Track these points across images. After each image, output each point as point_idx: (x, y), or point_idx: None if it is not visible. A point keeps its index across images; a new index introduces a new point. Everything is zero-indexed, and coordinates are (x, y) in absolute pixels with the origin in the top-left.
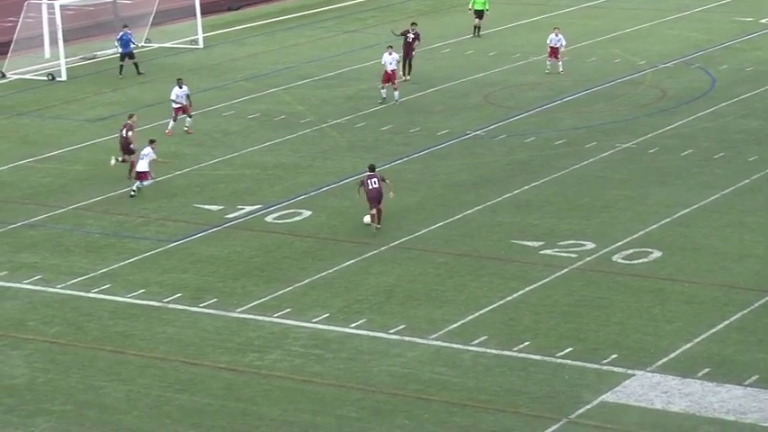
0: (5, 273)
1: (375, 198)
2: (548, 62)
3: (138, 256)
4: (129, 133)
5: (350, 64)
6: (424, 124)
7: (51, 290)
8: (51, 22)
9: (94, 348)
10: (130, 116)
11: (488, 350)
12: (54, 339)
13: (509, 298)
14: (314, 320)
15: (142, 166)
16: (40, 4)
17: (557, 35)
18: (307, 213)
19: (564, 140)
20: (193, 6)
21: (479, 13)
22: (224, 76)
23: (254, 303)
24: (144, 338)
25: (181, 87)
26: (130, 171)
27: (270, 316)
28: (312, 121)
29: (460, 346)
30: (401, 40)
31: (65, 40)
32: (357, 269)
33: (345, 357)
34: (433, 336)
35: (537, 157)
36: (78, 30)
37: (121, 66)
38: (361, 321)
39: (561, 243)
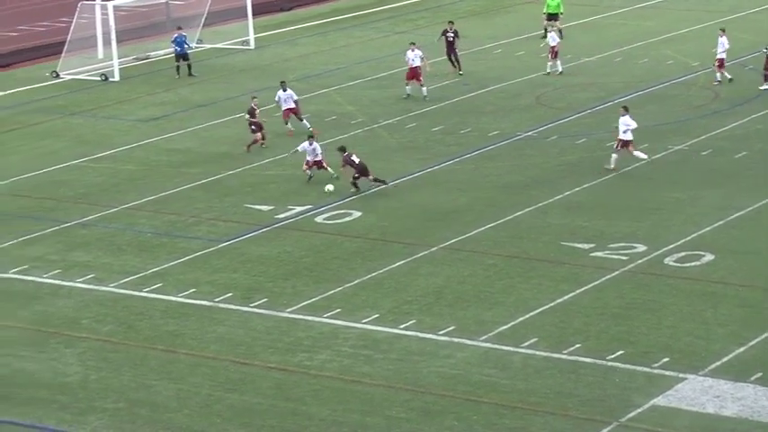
0: (59, 271)
1: (365, 170)
2: (548, 63)
3: (190, 256)
4: (249, 116)
5: (401, 65)
6: (476, 125)
7: (104, 288)
8: (104, 22)
9: (146, 347)
10: (253, 98)
11: (538, 352)
12: (106, 338)
13: (559, 300)
14: (363, 321)
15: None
16: (94, 4)
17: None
18: (357, 214)
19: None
20: (245, 7)
21: (553, 17)
22: (275, 76)
23: (304, 303)
24: (195, 338)
25: (285, 90)
26: (249, 146)
27: (320, 316)
28: (363, 121)
29: (510, 348)
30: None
31: (118, 41)
32: (407, 270)
33: (394, 358)
34: (483, 337)
35: (588, 158)
36: (131, 30)
37: (177, 67)
38: (410, 322)
39: (612, 245)
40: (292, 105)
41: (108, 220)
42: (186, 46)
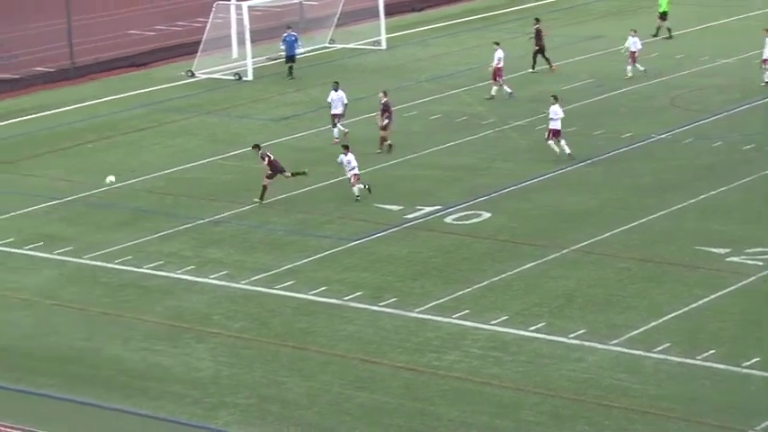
0: (193, 267)
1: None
2: (628, 67)
3: (320, 254)
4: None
5: (533, 66)
6: (609, 127)
7: (236, 285)
8: (239, 22)
9: (277, 344)
10: (385, 93)
11: (671, 357)
12: (238, 334)
13: (693, 305)
14: (492, 322)
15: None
16: (229, 4)
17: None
18: (486, 215)
19: (752, 145)
20: (377, 8)
21: (664, 15)
22: (406, 76)
23: (433, 304)
24: (325, 335)
25: (336, 91)
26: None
27: (448, 317)
28: (493, 122)
29: (642, 353)
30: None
31: (252, 41)
32: (537, 272)
33: (524, 360)
34: (614, 341)
35: (724, 161)
36: (265, 30)
37: (289, 68)
38: (540, 325)
39: (748, 250)
40: (340, 110)
41: (240, 217)
42: (297, 45)
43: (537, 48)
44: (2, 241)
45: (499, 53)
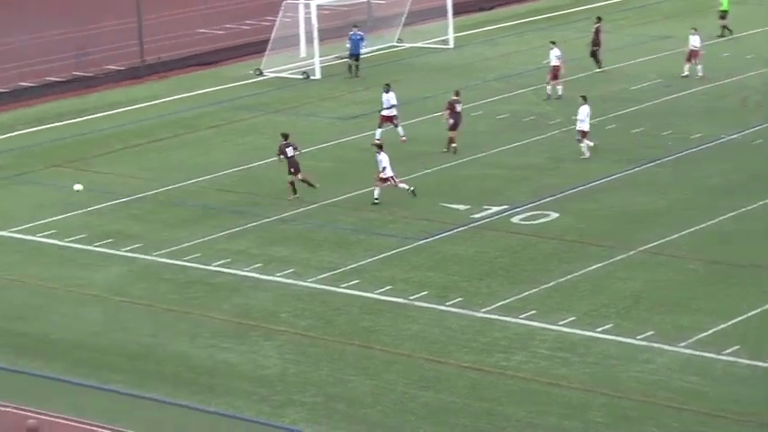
0: (260, 265)
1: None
2: (686, 65)
3: (386, 253)
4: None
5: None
6: (678, 127)
7: (302, 283)
8: (307, 21)
9: (343, 342)
10: (457, 93)
11: (741, 360)
12: (304, 332)
13: (764, 307)
14: (559, 323)
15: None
16: (297, 3)
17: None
18: (553, 215)
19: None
20: (445, 7)
21: (724, 14)
22: (473, 75)
23: (499, 304)
24: (390, 334)
25: (387, 92)
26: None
27: (515, 317)
28: (561, 122)
29: (712, 355)
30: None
31: (320, 40)
32: (604, 273)
33: (592, 362)
34: (683, 343)
35: None
36: (333, 29)
37: (349, 66)
38: (607, 326)
39: None
40: (393, 112)
41: (307, 215)
42: (363, 44)
43: (595, 47)
44: (72, 238)
45: (556, 52)
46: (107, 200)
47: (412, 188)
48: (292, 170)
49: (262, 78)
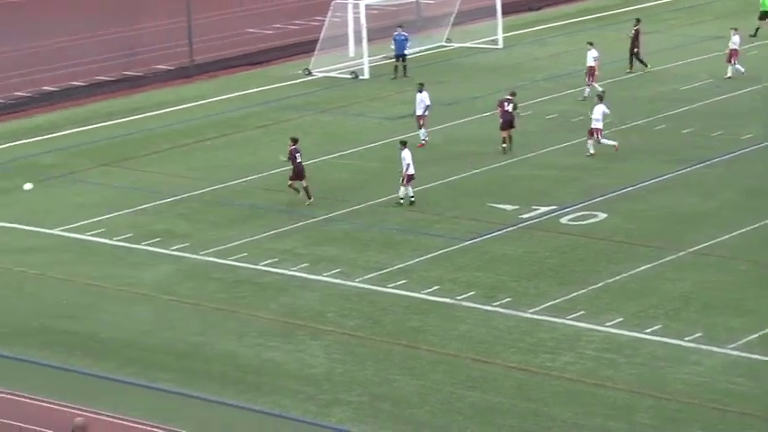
0: (307, 265)
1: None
2: (728, 66)
3: (433, 253)
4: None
5: (652, 65)
6: (728, 128)
7: (349, 283)
8: (356, 21)
9: (389, 342)
10: (513, 94)
11: None
12: (351, 332)
13: None
14: (607, 324)
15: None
16: (346, 3)
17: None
18: (602, 216)
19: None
20: (494, 6)
21: (765, 15)
22: (523, 76)
23: (547, 304)
24: (437, 334)
25: (421, 92)
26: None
27: (563, 318)
28: (610, 122)
29: (760, 357)
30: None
31: (368, 39)
32: (653, 274)
33: (639, 363)
34: (731, 345)
35: None
36: (381, 29)
37: (395, 67)
38: (655, 327)
39: None
40: (420, 112)
41: (354, 215)
42: (408, 43)
43: (635, 49)
44: (121, 237)
45: (593, 53)
46: (155, 199)
47: (412, 197)
48: (297, 175)
49: (310, 78)
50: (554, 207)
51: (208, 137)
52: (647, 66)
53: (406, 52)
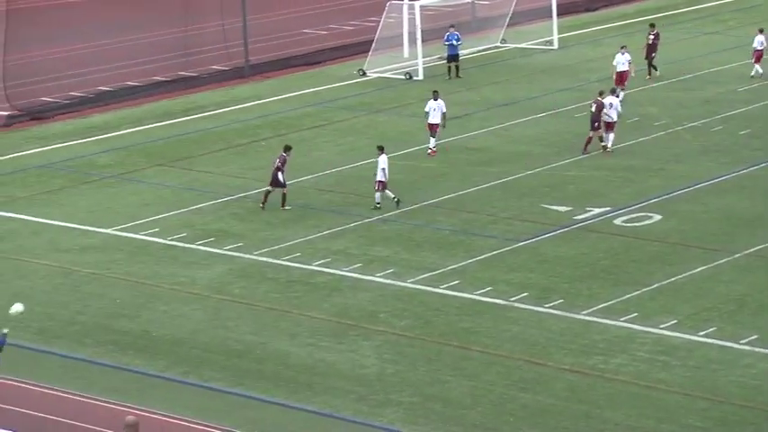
0: (360, 265)
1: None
2: (756, 66)
3: (486, 254)
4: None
5: (708, 66)
6: None
7: (401, 284)
8: (411, 22)
9: (441, 343)
10: (600, 93)
11: None
12: (403, 332)
13: None
14: (661, 326)
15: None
16: (402, 4)
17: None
18: (656, 217)
19: None
20: (550, 7)
21: None
22: (578, 76)
23: (600, 306)
24: (489, 336)
25: (436, 100)
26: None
27: (616, 320)
28: (666, 123)
29: None
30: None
31: (423, 40)
32: (707, 276)
33: (692, 365)
34: None
35: None
36: (436, 30)
37: (449, 68)
38: (710, 330)
39: None
40: (436, 120)
41: (407, 216)
42: (458, 44)
43: (652, 54)
44: (175, 236)
45: (627, 57)
46: (209, 199)
47: (396, 198)
48: (276, 184)
49: (365, 79)
50: (608, 208)
51: (262, 137)
52: (656, 70)
53: (458, 52)
